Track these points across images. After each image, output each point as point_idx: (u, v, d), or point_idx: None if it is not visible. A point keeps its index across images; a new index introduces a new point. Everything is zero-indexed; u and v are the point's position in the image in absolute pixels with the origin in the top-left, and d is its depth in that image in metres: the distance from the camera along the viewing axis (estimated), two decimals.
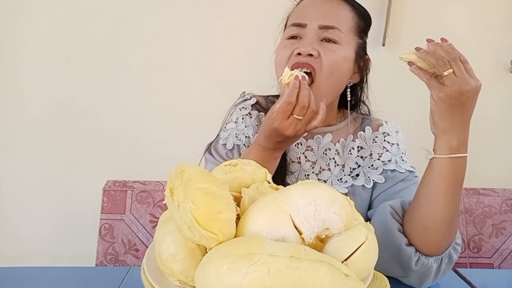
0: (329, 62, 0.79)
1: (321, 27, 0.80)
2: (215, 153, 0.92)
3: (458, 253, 0.75)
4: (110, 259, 1.25)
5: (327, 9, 0.82)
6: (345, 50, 0.82)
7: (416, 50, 0.68)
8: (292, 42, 0.82)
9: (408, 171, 0.86)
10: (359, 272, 0.48)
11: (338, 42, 0.81)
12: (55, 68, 1.47)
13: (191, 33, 1.47)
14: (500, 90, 1.53)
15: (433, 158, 0.71)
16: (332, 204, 0.48)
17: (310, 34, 0.81)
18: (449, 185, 0.69)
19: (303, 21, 0.82)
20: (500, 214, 1.32)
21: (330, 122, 0.92)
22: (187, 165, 0.50)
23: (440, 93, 0.66)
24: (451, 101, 0.65)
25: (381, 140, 0.89)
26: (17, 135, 1.50)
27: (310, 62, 0.79)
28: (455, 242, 0.75)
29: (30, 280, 0.76)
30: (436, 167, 0.70)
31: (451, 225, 0.72)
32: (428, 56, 0.66)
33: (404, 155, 0.89)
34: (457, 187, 0.70)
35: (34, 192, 1.53)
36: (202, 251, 0.49)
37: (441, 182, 0.70)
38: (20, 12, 1.44)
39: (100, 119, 1.50)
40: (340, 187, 0.86)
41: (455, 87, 0.64)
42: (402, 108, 1.51)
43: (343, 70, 0.83)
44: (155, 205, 1.29)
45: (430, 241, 0.73)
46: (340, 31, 0.81)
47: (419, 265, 0.73)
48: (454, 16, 1.48)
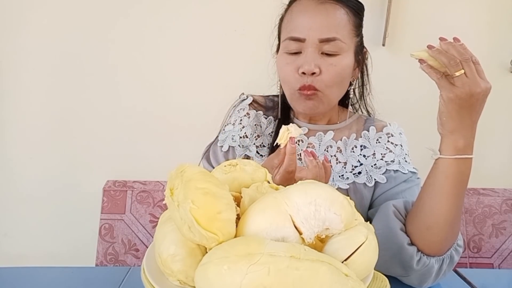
0: (330, 78, 0.81)
1: (322, 41, 0.80)
2: (213, 158, 0.94)
3: (460, 254, 0.75)
4: (110, 259, 1.25)
5: (324, 18, 0.80)
6: (345, 59, 0.82)
7: (428, 48, 0.67)
8: (293, 59, 0.82)
9: (411, 172, 0.86)
10: (359, 272, 0.48)
11: (339, 53, 0.81)
12: (55, 68, 1.47)
13: (191, 33, 1.47)
14: (500, 90, 1.53)
15: (438, 159, 0.70)
16: (332, 204, 0.48)
17: (310, 49, 0.80)
18: (454, 186, 0.69)
19: (301, 35, 0.80)
20: (500, 214, 1.32)
21: (332, 120, 0.93)
22: (187, 165, 0.50)
23: (450, 93, 0.65)
24: (461, 102, 0.65)
25: (385, 140, 0.90)
26: (17, 135, 1.50)
27: (313, 83, 0.81)
28: (456, 244, 0.75)
29: (30, 280, 0.76)
30: (441, 168, 0.70)
31: (454, 226, 0.72)
32: (440, 55, 0.65)
33: (407, 156, 0.90)
34: (461, 188, 0.70)
35: (34, 192, 1.53)
36: (202, 251, 0.49)
37: (445, 183, 0.70)
38: (20, 12, 1.44)
39: (100, 119, 1.50)
40: (341, 184, 0.87)
41: (465, 88, 0.64)
42: (402, 108, 1.51)
43: (345, 76, 0.84)
44: (155, 205, 1.29)
45: (432, 241, 0.73)
46: (341, 40, 0.80)
47: (420, 264, 0.73)
48: (454, 16, 1.48)
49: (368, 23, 1.50)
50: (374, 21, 1.47)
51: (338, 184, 0.86)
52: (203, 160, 0.95)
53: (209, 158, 0.95)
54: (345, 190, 0.86)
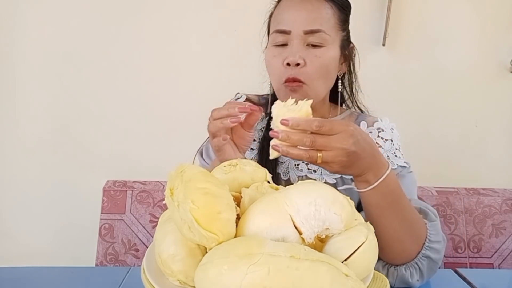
0: (315, 69, 0.82)
1: (306, 32, 0.82)
2: (205, 155, 0.95)
3: (438, 249, 0.74)
4: (110, 259, 1.25)
5: (309, 11, 0.82)
6: (330, 51, 0.84)
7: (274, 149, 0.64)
8: (280, 51, 0.84)
9: (401, 167, 0.86)
10: (359, 272, 0.48)
11: (324, 45, 0.83)
12: (54, 68, 1.47)
13: (191, 33, 1.47)
14: (500, 90, 1.53)
15: (361, 192, 0.70)
16: (332, 204, 0.48)
17: (295, 41, 0.82)
18: (389, 206, 0.69)
19: (287, 27, 0.83)
20: (500, 214, 1.32)
21: (322, 115, 0.93)
22: (187, 165, 0.50)
23: (331, 169, 0.65)
24: (345, 168, 0.64)
25: (375, 135, 0.90)
26: (17, 135, 1.50)
27: (297, 75, 0.81)
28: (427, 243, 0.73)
29: (30, 280, 0.76)
30: (367, 198, 0.70)
31: (406, 239, 0.72)
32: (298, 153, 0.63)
33: (398, 151, 0.89)
34: (396, 203, 0.70)
35: (34, 192, 1.52)
36: (202, 251, 0.49)
37: (376, 209, 0.70)
38: (20, 12, 1.44)
39: (100, 119, 1.50)
40: (329, 178, 0.87)
41: (338, 163, 0.62)
42: (401, 107, 1.51)
43: (330, 69, 0.85)
44: (155, 205, 1.29)
45: (392, 257, 0.73)
46: (325, 33, 0.82)
47: (390, 275, 0.74)
48: (454, 16, 1.48)
49: (368, 23, 1.51)
50: (374, 21, 1.47)
51: (326, 178, 0.87)
52: (197, 154, 0.97)
53: (202, 153, 0.97)
54: (333, 184, 0.86)
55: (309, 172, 0.89)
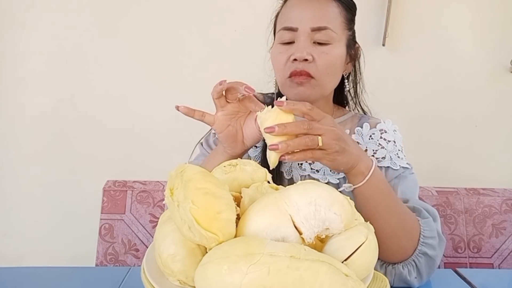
0: (323, 65, 0.82)
1: (313, 29, 0.82)
2: (205, 144, 0.98)
3: (433, 245, 0.74)
4: (110, 259, 1.25)
5: (315, 9, 0.83)
6: (337, 49, 0.84)
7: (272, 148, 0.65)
8: (286, 48, 0.84)
9: (403, 168, 0.86)
10: (359, 272, 0.48)
11: (330, 42, 0.83)
12: (54, 68, 1.47)
13: (191, 33, 1.47)
14: (500, 90, 1.53)
15: (355, 189, 0.73)
16: (332, 204, 0.48)
17: (302, 38, 0.82)
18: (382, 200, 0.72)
19: (294, 25, 0.83)
20: (500, 214, 1.32)
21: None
22: (187, 165, 0.50)
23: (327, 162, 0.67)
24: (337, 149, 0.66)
25: (378, 137, 0.90)
26: (17, 135, 1.50)
27: (306, 68, 0.82)
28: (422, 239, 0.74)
29: (30, 280, 0.76)
30: (361, 194, 0.72)
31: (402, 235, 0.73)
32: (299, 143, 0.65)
33: (401, 152, 0.90)
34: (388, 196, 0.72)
35: (34, 192, 1.52)
36: (202, 251, 0.49)
37: (373, 202, 0.72)
38: (20, 12, 1.44)
39: (100, 119, 1.50)
40: (332, 178, 0.87)
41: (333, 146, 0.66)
42: (401, 107, 1.51)
43: (337, 67, 0.86)
44: (155, 205, 1.29)
45: (388, 255, 0.74)
46: (332, 30, 0.83)
47: (388, 274, 0.75)
48: (454, 16, 1.48)
49: (368, 23, 1.51)
50: (374, 21, 1.47)
51: (329, 179, 0.87)
52: (199, 145, 1.00)
53: (202, 143, 0.99)
54: (335, 184, 0.87)
55: (312, 171, 0.89)
